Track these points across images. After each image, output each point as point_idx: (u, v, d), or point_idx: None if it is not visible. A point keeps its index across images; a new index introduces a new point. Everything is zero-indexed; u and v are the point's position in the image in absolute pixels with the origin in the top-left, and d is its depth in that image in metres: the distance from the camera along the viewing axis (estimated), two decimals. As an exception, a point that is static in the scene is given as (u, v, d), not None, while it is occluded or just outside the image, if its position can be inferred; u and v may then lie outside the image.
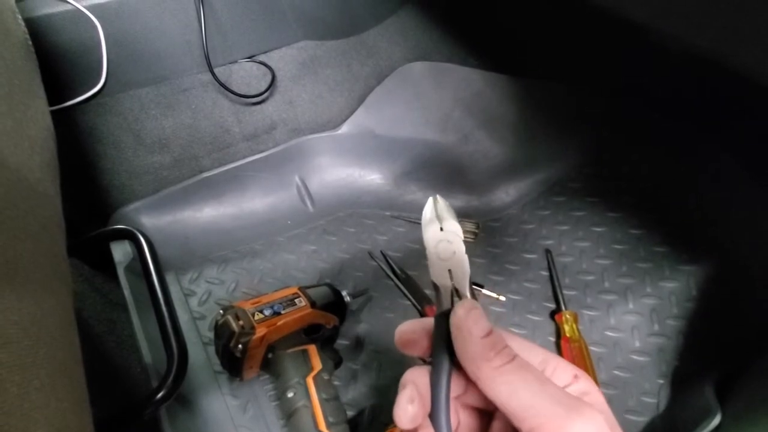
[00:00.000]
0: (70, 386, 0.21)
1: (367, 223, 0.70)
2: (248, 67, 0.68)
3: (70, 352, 0.23)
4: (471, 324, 0.18)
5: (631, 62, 0.65)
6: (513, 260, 0.64)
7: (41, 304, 0.21)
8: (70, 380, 0.21)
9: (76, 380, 0.22)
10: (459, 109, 0.74)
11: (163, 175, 0.65)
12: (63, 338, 0.22)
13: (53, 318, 0.21)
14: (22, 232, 0.21)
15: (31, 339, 0.19)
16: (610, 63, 0.67)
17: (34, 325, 0.19)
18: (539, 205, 0.70)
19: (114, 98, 0.60)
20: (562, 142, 0.72)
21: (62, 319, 0.23)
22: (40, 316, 0.20)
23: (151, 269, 0.42)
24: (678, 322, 0.54)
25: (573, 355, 0.51)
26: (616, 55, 0.66)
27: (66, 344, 0.22)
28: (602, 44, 0.65)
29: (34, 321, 0.20)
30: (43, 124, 0.32)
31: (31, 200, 0.23)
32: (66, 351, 0.22)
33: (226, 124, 0.67)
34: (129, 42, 0.57)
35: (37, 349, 0.19)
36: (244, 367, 0.45)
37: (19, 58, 0.33)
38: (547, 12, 0.68)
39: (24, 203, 0.22)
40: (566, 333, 0.53)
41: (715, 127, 0.62)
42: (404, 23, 0.75)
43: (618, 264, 0.61)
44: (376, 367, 0.53)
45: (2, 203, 0.20)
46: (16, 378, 0.18)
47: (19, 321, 0.19)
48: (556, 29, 0.69)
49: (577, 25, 0.66)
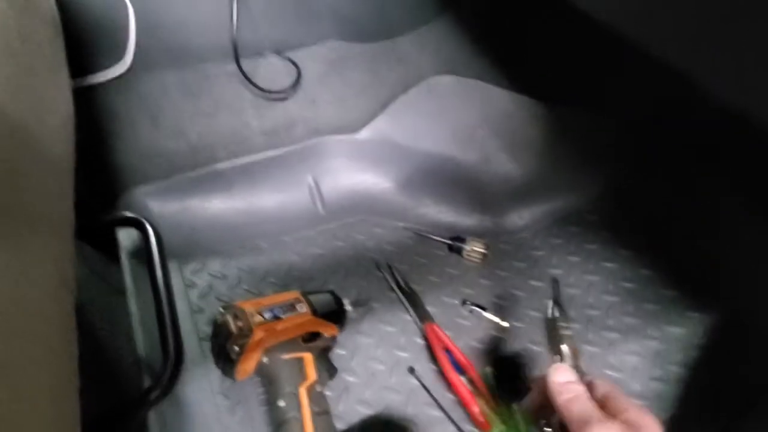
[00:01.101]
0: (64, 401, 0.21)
1: (376, 231, 0.69)
2: (275, 62, 0.67)
3: (67, 359, 0.22)
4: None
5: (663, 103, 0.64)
6: (519, 286, 0.63)
7: (41, 302, 0.20)
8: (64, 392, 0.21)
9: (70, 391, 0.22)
10: (484, 129, 0.73)
11: (176, 162, 0.64)
12: (60, 345, 0.21)
13: (53, 326, 0.21)
14: (32, 231, 0.20)
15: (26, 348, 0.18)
16: (641, 99, 0.66)
17: (30, 335, 0.19)
18: (552, 233, 0.69)
19: (137, 78, 0.60)
20: (583, 173, 0.71)
21: (62, 323, 0.22)
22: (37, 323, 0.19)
23: (156, 262, 0.42)
24: (681, 369, 0.53)
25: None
26: (649, 92, 0.64)
27: (63, 352, 0.22)
28: (636, 80, 0.64)
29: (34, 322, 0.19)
30: (64, 102, 0.31)
31: (45, 192, 0.23)
32: (62, 360, 0.21)
33: (245, 117, 0.67)
34: (158, 25, 0.57)
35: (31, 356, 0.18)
36: (238, 369, 0.44)
37: (46, 34, 0.32)
38: (581, 40, 0.66)
39: (36, 198, 0.21)
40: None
41: (739, 176, 0.61)
42: (438, 34, 0.73)
43: (625, 302, 0.60)
44: (370, 381, 0.52)
45: (18, 199, 0.19)
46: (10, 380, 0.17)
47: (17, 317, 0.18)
48: (590, 58, 0.68)
49: (611, 57, 0.65)
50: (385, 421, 0.49)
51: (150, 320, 0.43)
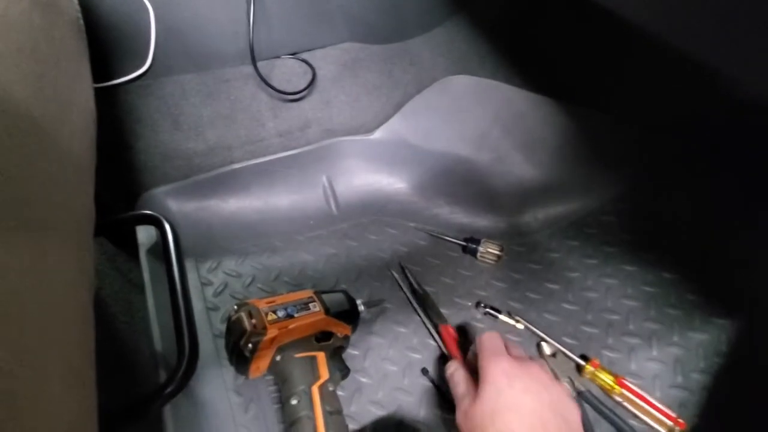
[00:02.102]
0: (81, 391, 0.21)
1: (389, 232, 0.69)
2: (290, 64, 0.68)
3: (84, 352, 0.23)
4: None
5: (683, 102, 0.62)
6: (535, 288, 0.62)
7: (59, 293, 0.21)
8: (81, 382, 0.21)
9: (86, 382, 0.22)
10: (497, 128, 0.72)
11: (194, 162, 0.66)
12: (78, 338, 0.22)
13: (70, 319, 0.21)
14: (52, 226, 0.21)
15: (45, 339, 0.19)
16: (659, 100, 0.64)
17: (49, 327, 0.19)
18: (568, 234, 0.68)
19: (157, 81, 0.61)
20: (600, 174, 0.69)
21: (80, 316, 0.23)
22: (56, 316, 0.20)
23: (173, 260, 0.43)
24: (703, 377, 0.51)
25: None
26: (667, 92, 0.63)
27: (80, 344, 0.22)
28: (653, 80, 0.62)
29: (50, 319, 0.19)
30: (86, 108, 0.32)
31: (67, 191, 0.24)
32: (79, 352, 0.22)
33: (261, 118, 0.68)
34: (178, 28, 0.58)
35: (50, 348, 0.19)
36: (252, 367, 0.44)
37: (69, 39, 0.33)
38: (597, 40, 0.65)
39: (59, 195, 0.22)
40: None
41: (762, 178, 0.58)
42: (451, 35, 0.73)
43: (646, 307, 0.58)
44: (383, 382, 0.52)
45: (40, 194, 0.20)
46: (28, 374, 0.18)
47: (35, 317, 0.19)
48: (606, 58, 0.66)
49: (628, 56, 0.64)
50: (397, 422, 0.48)
51: (166, 316, 0.43)
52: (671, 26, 0.35)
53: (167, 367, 0.42)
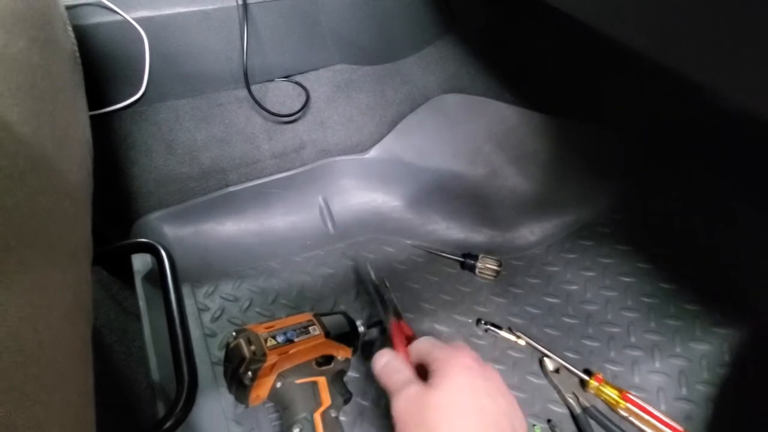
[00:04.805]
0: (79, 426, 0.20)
1: (387, 250, 0.69)
2: (284, 86, 0.68)
3: (83, 392, 0.22)
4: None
5: (672, 112, 0.63)
6: (534, 303, 0.62)
7: (59, 332, 0.20)
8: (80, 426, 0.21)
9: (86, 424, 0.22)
10: (490, 144, 0.73)
11: (189, 186, 0.66)
12: (77, 378, 0.21)
13: (69, 357, 0.21)
14: (52, 262, 0.20)
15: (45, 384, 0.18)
16: (649, 110, 0.65)
17: (48, 370, 0.19)
18: (565, 247, 0.68)
19: (151, 107, 0.61)
20: (593, 185, 0.70)
21: (79, 354, 0.22)
22: (56, 356, 0.20)
23: (170, 288, 0.42)
24: (708, 389, 0.51)
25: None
26: (657, 103, 0.64)
27: (79, 386, 0.21)
28: (643, 91, 0.64)
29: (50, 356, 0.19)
30: (83, 139, 0.32)
31: (65, 225, 0.23)
32: (78, 393, 0.21)
33: (256, 141, 0.68)
34: (172, 55, 0.59)
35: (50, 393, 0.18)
36: (252, 395, 0.43)
37: (66, 72, 0.33)
38: (586, 54, 0.67)
39: (58, 229, 0.22)
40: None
41: (757, 183, 0.59)
42: (441, 54, 0.75)
43: (646, 318, 0.58)
44: (385, 405, 0.51)
45: (40, 231, 0.20)
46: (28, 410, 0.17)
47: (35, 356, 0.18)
48: (595, 71, 0.68)
49: (616, 69, 0.65)
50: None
51: (163, 344, 0.43)
52: (655, 40, 0.36)
53: (165, 399, 0.41)
